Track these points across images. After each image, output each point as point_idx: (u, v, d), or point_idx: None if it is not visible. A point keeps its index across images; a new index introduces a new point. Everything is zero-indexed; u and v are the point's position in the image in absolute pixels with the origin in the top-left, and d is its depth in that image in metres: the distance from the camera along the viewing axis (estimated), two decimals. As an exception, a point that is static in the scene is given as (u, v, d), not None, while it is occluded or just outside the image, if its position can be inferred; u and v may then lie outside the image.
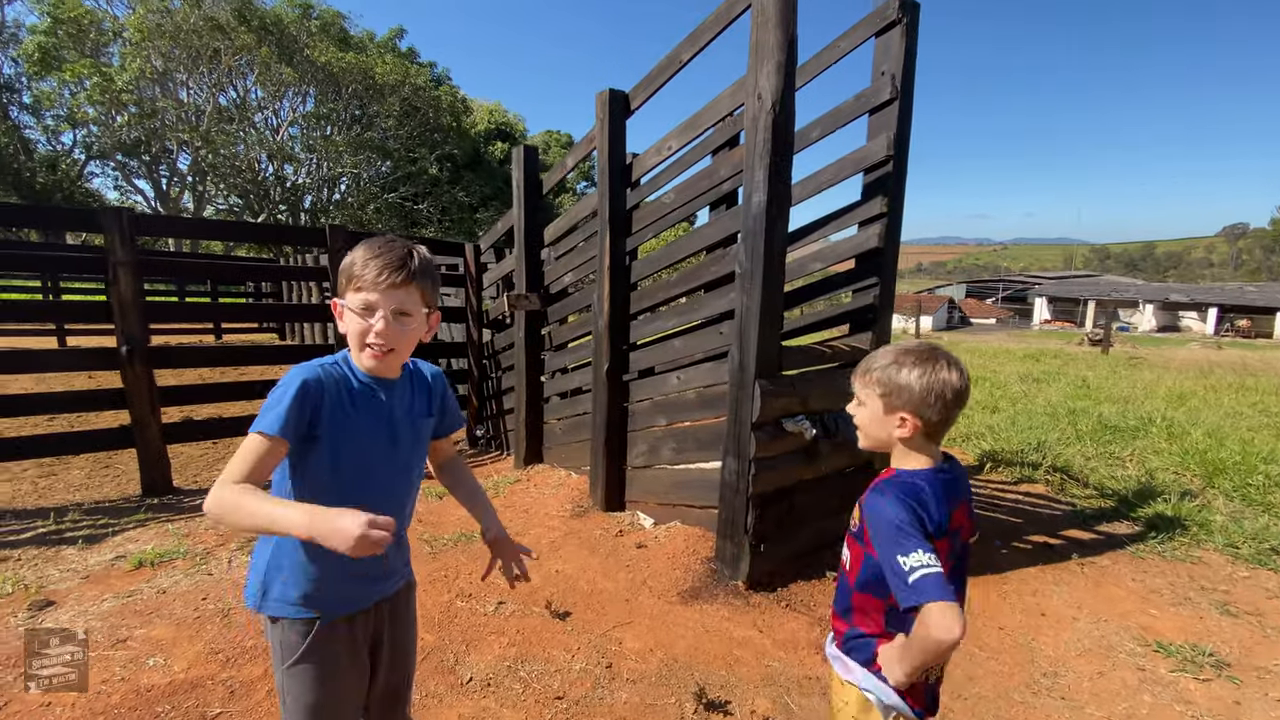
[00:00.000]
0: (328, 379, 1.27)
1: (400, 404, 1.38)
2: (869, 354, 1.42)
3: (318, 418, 1.24)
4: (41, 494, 4.46)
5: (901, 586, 1.17)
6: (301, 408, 1.21)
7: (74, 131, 25.62)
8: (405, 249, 1.28)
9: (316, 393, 1.24)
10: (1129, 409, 8.35)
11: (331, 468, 1.28)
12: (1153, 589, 3.56)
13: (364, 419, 1.31)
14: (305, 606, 1.30)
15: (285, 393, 1.21)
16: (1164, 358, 19.43)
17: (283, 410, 1.19)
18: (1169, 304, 43.35)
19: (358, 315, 1.26)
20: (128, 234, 4.34)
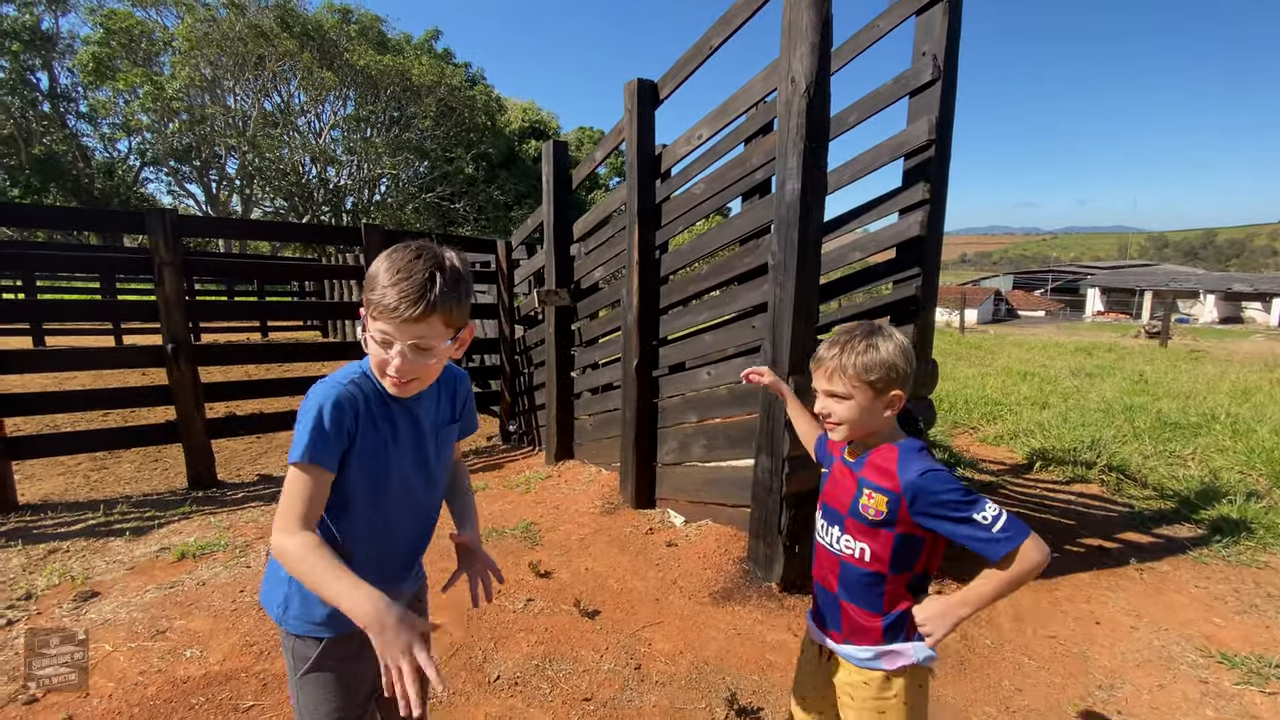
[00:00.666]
0: (357, 394, 1.20)
1: (428, 415, 1.33)
2: (816, 354, 1.41)
3: (354, 436, 1.18)
4: (93, 486, 4.64)
5: (989, 540, 1.22)
6: (339, 429, 1.15)
7: (129, 139, 26.77)
8: (428, 271, 1.13)
9: (351, 410, 1.17)
10: (1190, 405, 7.90)
11: (365, 487, 1.23)
12: (1216, 596, 3.34)
13: (394, 434, 1.25)
14: (325, 626, 1.27)
15: (318, 416, 1.14)
16: (1226, 350, 18.42)
17: (320, 436, 1.13)
18: (1231, 294, 41.14)
19: (376, 343, 1.17)
20: (171, 235, 4.46)
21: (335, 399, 1.16)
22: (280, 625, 1.30)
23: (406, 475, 1.29)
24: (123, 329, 11.77)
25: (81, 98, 25.98)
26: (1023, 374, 10.63)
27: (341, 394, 1.17)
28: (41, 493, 4.44)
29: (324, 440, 1.13)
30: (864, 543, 1.36)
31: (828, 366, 1.36)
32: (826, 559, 1.45)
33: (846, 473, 1.43)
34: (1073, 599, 3.28)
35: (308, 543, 1.09)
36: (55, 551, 3.48)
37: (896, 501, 1.30)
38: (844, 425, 1.37)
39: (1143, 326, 27.39)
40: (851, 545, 1.38)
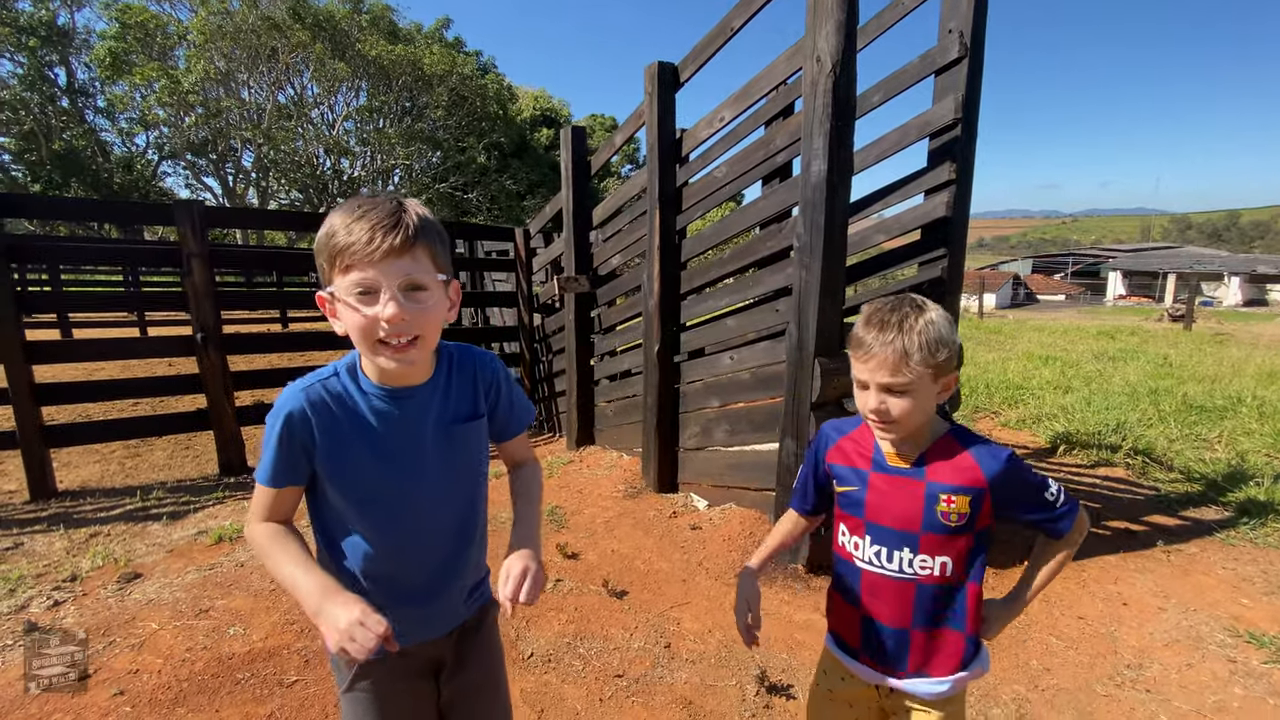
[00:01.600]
0: (318, 401, 1.04)
1: (428, 414, 1.11)
2: (857, 339, 1.17)
3: (312, 451, 1.05)
4: (128, 474, 4.75)
5: (1059, 516, 1.20)
6: (290, 449, 1.04)
7: (146, 133, 27.05)
8: (393, 202, 0.99)
9: (303, 425, 1.03)
10: (1216, 388, 7.78)
11: (348, 499, 1.09)
12: (1245, 577, 3.32)
13: (374, 439, 1.07)
14: None
15: (270, 432, 1.04)
16: (1252, 333, 18.06)
17: (269, 458, 1.04)
18: (1256, 276, 40.25)
19: (355, 305, 0.97)
20: (199, 226, 4.53)
21: (286, 412, 1.03)
22: None
23: (399, 484, 1.10)
24: (147, 320, 12.00)
25: (99, 93, 26.28)
26: (1044, 358, 10.51)
27: (294, 406, 1.03)
28: (79, 479, 4.57)
29: (271, 460, 1.04)
30: (944, 556, 1.19)
31: (883, 355, 1.12)
32: (890, 588, 1.22)
33: (903, 482, 1.20)
34: (1100, 580, 3.28)
35: (267, 530, 1.06)
36: (96, 535, 3.58)
37: (980, 498, 1.16)
38: (901, 423, 1.15)
39: (1166, 310, 26.91)
40: (930, 563, 1.19)
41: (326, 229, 0.98)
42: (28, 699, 2.14)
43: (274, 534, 1.06)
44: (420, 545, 1.15)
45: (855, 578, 1.27)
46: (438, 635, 1.22)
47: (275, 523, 1.08)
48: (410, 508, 1.12)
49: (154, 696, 2.20)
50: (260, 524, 1.08)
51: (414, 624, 1.17)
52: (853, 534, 1.27)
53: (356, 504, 1.09)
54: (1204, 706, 2.33)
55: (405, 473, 1.10)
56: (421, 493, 1.12)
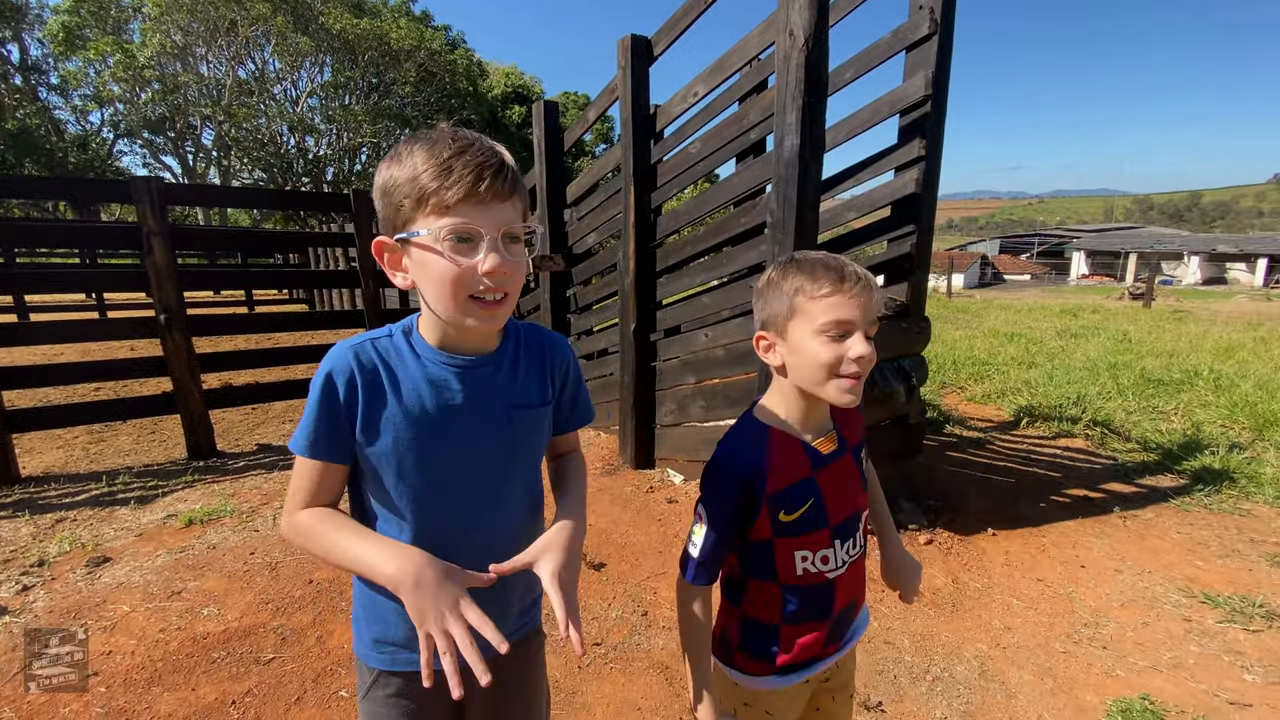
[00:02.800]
0: (365, 362, 0.90)
1: (490, 391, 0.97)
2: (842, 284, 1.00)
3: (353, 418, 0.91)
4: (93, 459, 4.64)
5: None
6: (331, 413, 0.89)
7: (101, 110, 25.98)
8: (486, 139, 0.87)
9: (347, 387, 0.89)
10: (1173, 362, 8.06)
11: (388, 489, 0.94)
12: (1199, 541, 3.47)
13: (425, 416, 0.92)
14: (374, 654, 1.03)
15: (310, 396, 0.91)
16: (1210, 310, 18.70)
17: (308, 422, 0.90)
18: (1216, 255, 41.56)
19: (450, 254, 0.83)
20: (158, 204, 4.39)
21: (328, 370, 0.90)
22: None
23: (451, 465, 0.96)
24: (106, 304, 11.63)
25: (52, 69, 25.14)
26: (1009, 335, 10.78)
27: (338, 364, 0.90)
28: (43, 465, 4.45)
29: (310, 424, 0.90)
30: (866, 507, 1.21)
31: (868, 285, 1.01)
32: (855, 572, 1.17)
33: (840, 464, 1.13)
34: (1059, 545, 3.41)
35: (313, 514, 0.92)
36: (63, 521, 3.50)
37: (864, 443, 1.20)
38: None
39: (1127, 288, 27.69)
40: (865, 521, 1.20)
41: (407, 165, 0.84)
42: (2, 681, 2.11)
43: (320, 513, 0.92)
44: (470, 542, 0.98)
45: (827, 592, 1.12)
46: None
47: (316, 506, 0.93)
48: (462, 495, 0.97)
49: (128, 677, 2.18)
50: (301, 511, 0.92)
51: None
52: (818, 550, 1.10)
53: (400, 485, 0.93)
54: (1159, 663, 2.45)
55: (459, 453, 0.95)
56: (477, 479, 0.98)
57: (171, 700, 2.09)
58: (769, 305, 1.06)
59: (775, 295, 1.05)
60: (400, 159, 0.86)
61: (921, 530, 3.44)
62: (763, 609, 1.14)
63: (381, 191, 0.88)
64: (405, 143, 0.87)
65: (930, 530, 3.45)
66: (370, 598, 1.01)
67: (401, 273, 0.90)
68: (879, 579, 1.36)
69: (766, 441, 1.08)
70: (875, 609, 2.75)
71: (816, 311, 0.99)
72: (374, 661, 1.02)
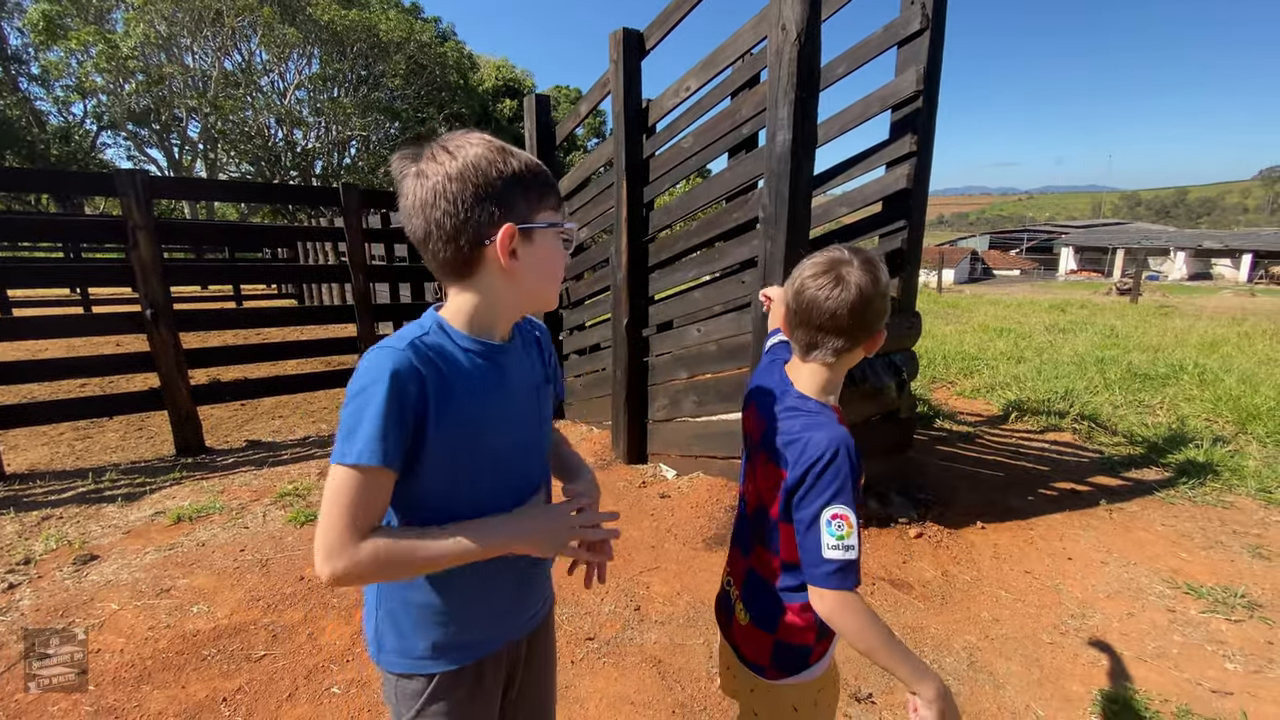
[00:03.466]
0: (423, 361, 0.87)
1: (516, 371, 1.02)
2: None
3: (423, 418, 0.87)
4: (79, 456, 4.59)
5: None
6: (401, 416, 0.84)
7: (84, 102, 25.57)
8: None
9: (415, 385, 0.86)
10: (1159, 357, 8.16)
11: (455, 482, 0.94)
12: (1183, 533, 3.52)
13: (484, 402, 0.95)
14: (431, 659, 1.01)
15: (371, 400, 0.83)
16: (1195, 306, 18.91)
17: (377, 428, 0.83)
18: (1201, 251, 41.99)
19: (555, 246, 0.95)
20: (143, 197, 4.33)
21: (392, 370, 0.84)
22: (378, 663, 1.04)
23: (508, 448, 1.00)
24: (91, 299, 11.48)
25: (33, 59, 24.67)
26: (999, 330, 10.86)
27: (401, 362, 0.85)
28: (27, 462, 4.39)
29: (378, 431, 0.83)
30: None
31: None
32: None
33: None
34: (1046, 538, 3.44)
35: (379, 544, 0.85)
36: (49, 518, 3.46)
37: None
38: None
39: (1114, 284, 27.95)
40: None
41: (524, 158, 0.90)
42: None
43: (388, 539, 0.86)
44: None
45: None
46: (524, 633, 1.13)
47: (373, 535, 0.86)
48: (509, 473, 1.01)
49: (117, 675, 2.17)
50: (363, 542, 0.84)
51: (510, 620, 1.09)
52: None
53: (457, 475, 0.94)
54: (1144, 652, 2.49)
55: (505, 434, 0.99)
56: (518, 456, 1.02)
57: (162, 698, 2.08)
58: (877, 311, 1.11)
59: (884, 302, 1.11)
60: (507, 153, 0.89)
61: (912, 524, 3.47)
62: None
63: (508, 180, 0.88)
64: (470, 140, 0.89)
65: (920, 524, 3.48)
66: (426, 605, 0.99)
67: (514, 260, 0.91)
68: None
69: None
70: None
71: None
72: (432, 667, 1.01)
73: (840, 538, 1.02)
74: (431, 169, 0.87)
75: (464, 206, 0.86)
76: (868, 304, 1.07)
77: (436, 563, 0.89)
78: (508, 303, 0.96)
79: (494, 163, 0.87)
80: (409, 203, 0.89)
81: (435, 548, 0.88)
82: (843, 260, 1.10)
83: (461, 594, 1.00)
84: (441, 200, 0.86)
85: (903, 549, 3.24)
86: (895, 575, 3.01)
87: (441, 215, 0.86)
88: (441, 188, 0.86)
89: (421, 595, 0.99)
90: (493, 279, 0.92)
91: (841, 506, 1.03)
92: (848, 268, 1.08)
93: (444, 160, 0.86)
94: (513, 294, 0.95)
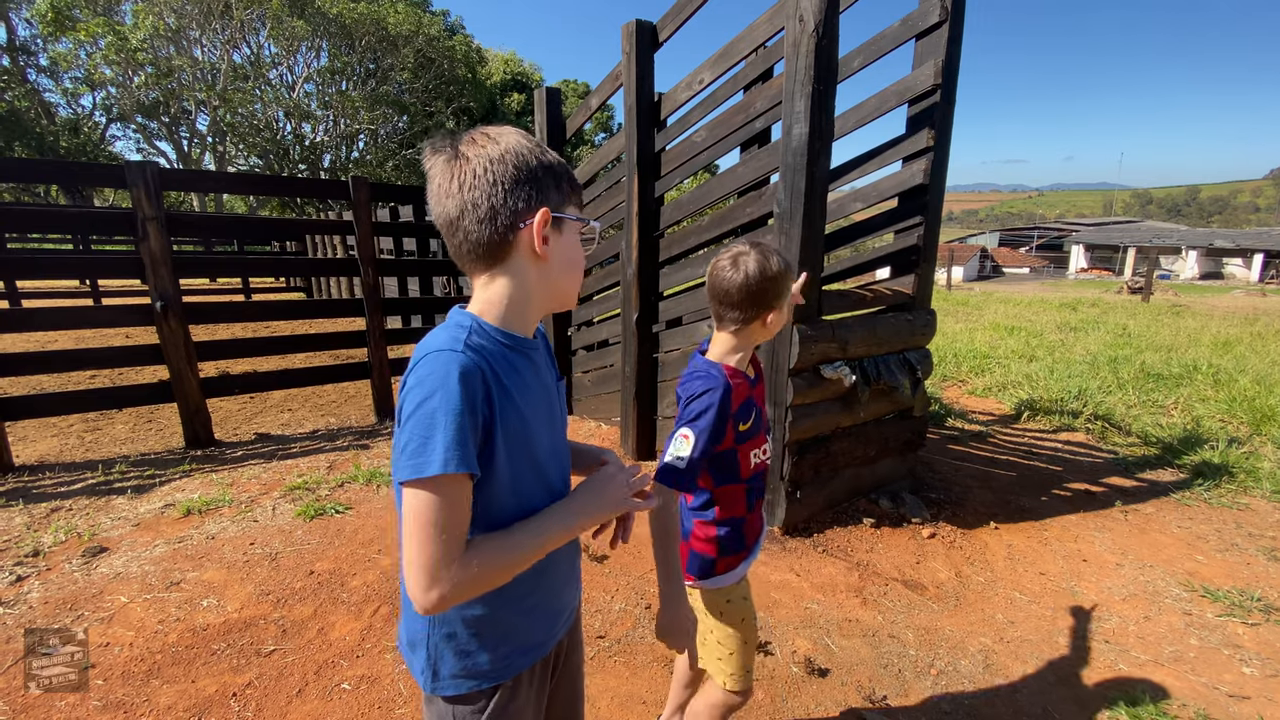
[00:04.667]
0: (483, 362, 0.85)
1: (545, 367, 1.04)
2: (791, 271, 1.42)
3: (491, 421, 0.86)
4: (88, 448, 4.59)
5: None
6: (474, 421, 0.82)
7: (93, 94, 25.61)
8: None
9: (483, 387, 0.84)
10: (1172, 357, 8.07)
11: (509, 481, 0.92)
12: (1199, 535, 3.48)
13: (529, 399, 0.94)
14: (495, 672, 0.98)
15: (442, 407, 0.80)
16: (1207, 305, 18.73)
17: (457, 434, 0.79)
18: (1213, 250, 41.57)
19: (578, 241, 0.97)
20: (153, 189, 4.32)
21: (461, 372, 0.81)
22: (433, 694, 0.99)
23: (551, 443, 1.01)
24: (100, 291, 11.53)
25: (41, 50, 24.72)
26: (1009, 329, 10.77)
27: (468, 364, 0.82)
28: (37, 454, 4.40)
29: (455, 438, 0.80)
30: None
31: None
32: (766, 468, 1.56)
33: (760, 386, 1.52)
34: (1061, 539, 3.41)
35: (477, 554, 0.84)
36: (58, 510, 3.46)
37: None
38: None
39: (1125, 282, 27.70)
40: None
41: (555, 154, 0.93)
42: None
43: (477, 553, 0.84)
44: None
45: (758, 479, 1.50)
46: (568, 628, 1.13)
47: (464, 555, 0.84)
48: (554, 474, 1.01)
49: (126, 669, 2.16)
50: (464, 555, 0.83)
51: (560, 617, 1.08)
52: (758, 445, 1.48)
53: (518, 475, 0.93)
54: (1161, 656, 2.45)
55: (545, 429, 0.99)
56: (552, 450, 1.02)
57: (171, 693, 2.07)
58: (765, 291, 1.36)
59: (785, 285, 1.38)
60: (540, 147, 0.91)
61: (925, 524, 3.43)
62: (730, 509, 1.47)
63: (544, 169, 0.90)
64: (503, 134, 0.90)
65: (933, 524, 3.44)
66: (491, 614, 0.97)
67: (543, 247, 0.91)
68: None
69: (721, 363, 1.40)
70: (879, 603, 2.75)
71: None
72: (494, 680, 0.99)
73: (676, 452, 1.31)
74: (473, 152, 0.87)
75: (504, 188, 0.87)
76: (755, 285, 1.33)
77: (528, 558, 0.90)
78: (537, 294, 0.95)
79: (533, 151, 0.89)
80: (443, 184, 0.88)
81: (526, 542, 0.89)
82: (743, 252, 1.36)
83: (519, 597, 0.98)
84: (483, 181, 0.86)
85: (916, 549, 3.21)
86: (909, 576, 2.98)
87: (480, 195, 0.86)
88: (483, 168, 0.86)
89: (480, 609, 0.95)
90: (524, 266, 0.92)
91: (688, 429, 1.31)
92: (745, 257, 1.35)
93: (486, 145, 0.88)
94: (541, 285, 0.95)
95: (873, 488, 3.66)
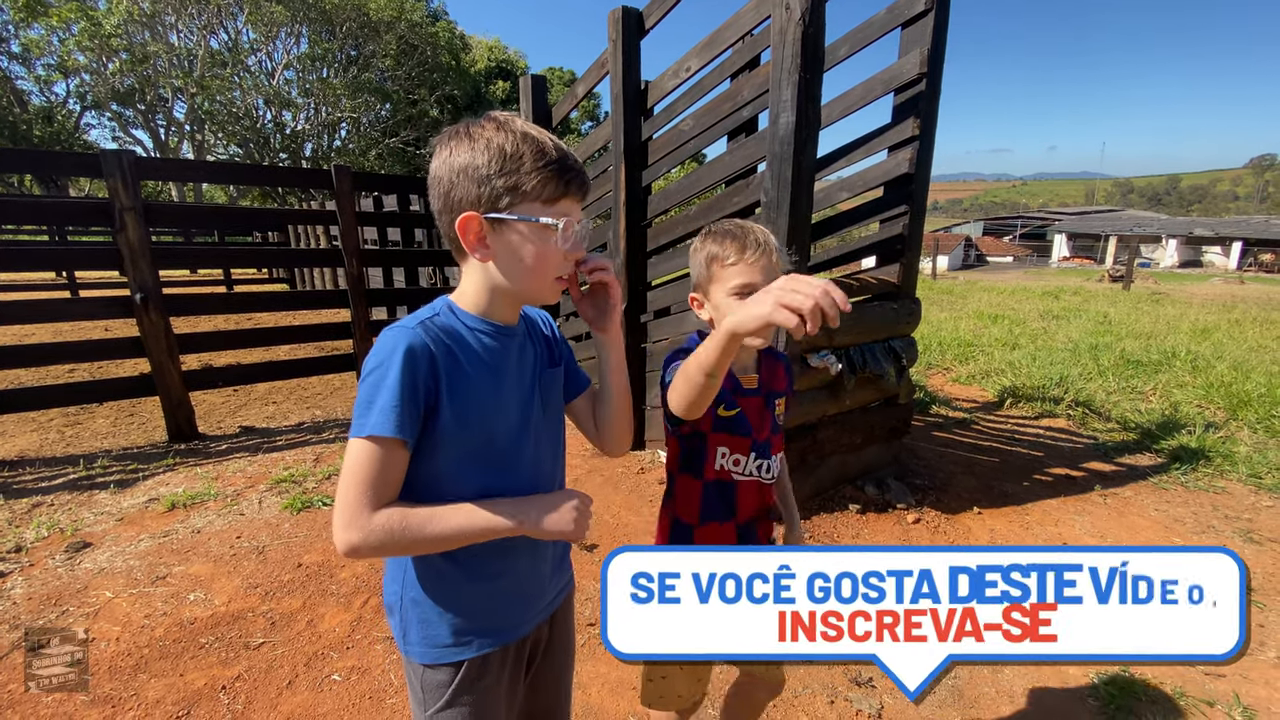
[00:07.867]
0: (434, 339, 0.90)
1: (527, 354, 1.05)
2: (746, 247, 1.22)
3: (435, 394, 0.90)
4: (69, 442, 4.53)
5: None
6: (414, 391, 0.87)
7: (67, 81, 24.99)
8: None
9: (427, 362, 0.89)
10: (1152, 344, 8.21)
11: (462, 460, 0.95)
12: (1176, 518, 3.55)
13: (493, 382, 0.97)
14: (457, 647, 1.01)
15: (387, 374, 0.86)
16: (1186, 293, 19.03)
17: (393, 400, 0.85)
18: (1192, 239, 42.18)
19: (559, 231, 0.92)
20: (130, 178, 4.24)
21: (406, 346, 0.87)
22: (406, 655, 1.04)
23: (518, 428, 1.01)
24: (78, 283, 11.32)
25: (13, 37, 24.04)
26: (993, 317, 10.90)
27: (414, 340, 0.88)
28: (16, 449, 4.33)
29: (396, 404, 0.86)
30: (780, 450, 1.40)
31: (768, 249, 1.22)
32: (763, 491, 1.38)
33: (756, 401, 1.33)
34: (1041, 523, 3.47)
35: (392, 514, 0.87)
36: (39, 505, 3.42)
37: (787, 397, 1.41)
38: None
39: (1106, 271, 28.07)
40: (777, 461, 1.37)
41: (531, 145, 0.88)
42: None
43: (400, 512, 0.88)
44: (519, 494, 1.04)
45: (731, 492, 1.33)
46: (544, 618, 1.14)
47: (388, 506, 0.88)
48: (525, 456, 1.03)
49: (113, 664, 2.15)
50: (377, 512, 0.86)
51: (535, 603, 1.10)
52: (734, 453, 1.32)
53: (464, 452, 0.95)
54: (1135, 634, 2.51)
55: (521, 415, 1.02)
56: (533, 440, 1.04)
57: (159, 687, 2.06)
58: (695, 272, 1.28)
59: (696, 263, 1.27)
60: (511, 135, 0.88)
61: (909, 509, 3.48)
62: (684, 509, 1.35)
63: (504, 162, 0.88)
64: (488, 124, 0.90)
65: (918, 509, 3.49)
66: (455, 590, 1.00)
67: (483, 248, 0.92)
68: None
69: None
70: (865, 587, 2.78)
71: (727, 277, 1.21)
72: (459, 655, 1.02)
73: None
74: (450, 146, 0.91)
75: (443, 188, 0.91)
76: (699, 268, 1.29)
77: (447, 539, 0.90)
78: (499, 289, 0.96)
79: (495, 150, 0.88)
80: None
81: (447, 522, 0.90)
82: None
83: (485, 577, 1.01)
84: (435, 180, 0.92)
85: (900, 534, 3.25)
86: (893, 561, 3.02)
87: (435, 192, 0.92)
88: (443, 165, 0.90)
89: (445, 582, 1.00)
90: (476, 262, 0.94)
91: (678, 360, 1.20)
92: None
93: (463, 140, 0.90)
94: (502, 281, 0.95)
95: (859, 474, 3.70)
